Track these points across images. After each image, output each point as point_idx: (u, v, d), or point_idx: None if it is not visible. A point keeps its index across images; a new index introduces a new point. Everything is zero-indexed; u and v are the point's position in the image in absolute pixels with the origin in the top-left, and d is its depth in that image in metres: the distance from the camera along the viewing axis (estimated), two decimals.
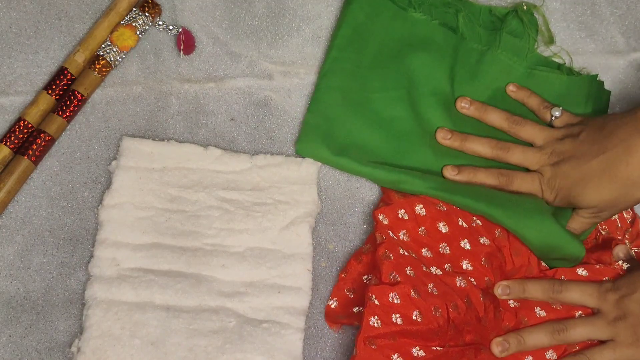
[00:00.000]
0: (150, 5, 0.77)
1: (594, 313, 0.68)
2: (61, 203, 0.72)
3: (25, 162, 0.71)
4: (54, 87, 0.74)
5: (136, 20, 0.76)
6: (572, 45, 0.82)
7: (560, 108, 0.75)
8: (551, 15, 0.83)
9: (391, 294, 0.65)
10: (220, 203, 0.71)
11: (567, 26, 0.83)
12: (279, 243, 0.70)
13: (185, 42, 0.77)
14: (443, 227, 0.70)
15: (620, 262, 0.70)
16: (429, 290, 0.66)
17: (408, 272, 0.66)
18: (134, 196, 0.71)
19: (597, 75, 0.79)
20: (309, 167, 0.73)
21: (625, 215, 0.74)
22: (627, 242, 0.73)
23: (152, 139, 0.74)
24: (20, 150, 0.71)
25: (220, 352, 0.65)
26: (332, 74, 0.76)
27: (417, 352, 0.64)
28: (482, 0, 0.83)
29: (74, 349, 0.65)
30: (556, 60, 0.81)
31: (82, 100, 0.74)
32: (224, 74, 0.78)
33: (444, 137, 0.75)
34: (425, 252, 0.69)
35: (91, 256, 0.69)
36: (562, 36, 0.82)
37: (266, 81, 0.78)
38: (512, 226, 0.70)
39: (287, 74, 0.78)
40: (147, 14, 0.77)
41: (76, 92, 0.74)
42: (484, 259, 0.69)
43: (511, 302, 0.69)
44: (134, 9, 0.77)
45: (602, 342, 0.67)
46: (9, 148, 0.72)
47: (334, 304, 0.70)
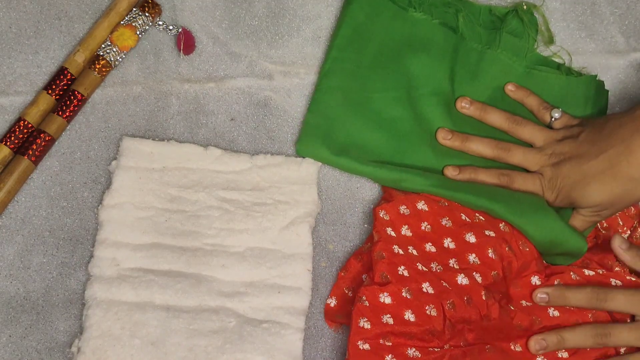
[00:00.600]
0: (150, 5, 0.77)
1: (634, 319, 0.68)
2: (61, 203, 0.72)
3: (25, 162, 0.71)
4: (54, 87, 0.74)
5: (136, 20, 0.76)
6: (572, 45, 0.82)
7: (560, 109, 0.75)
8: (551, 15, 0.83)
9: (382, 295, 0.65)
10: (220, 203, 0.71)
11: (567, 26, 0.83)
12: (279, 243, 0.70)
13: (185, 42, 0.77)
14: (447, 222, 0.70)
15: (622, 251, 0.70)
16: (424, 289, 0.66)
17: (400, 272, 0.66)
18: (134, 196, 0.71)
19: (596, 75, 0.79)
20: (309, 167, 0.73)
21: (627, 214, 0.74)
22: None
23: (152, 139, 0.74)
24: (20, 150, 0.71)
25: (220, 352, 0.65)
26: (332, 74, 0.76)
27: (412, 353, 0.64)
28: (482, 0, 0.83)
29: (74, 349, 0.65)
30: (556, 60, 0.81)
31: (82, 100, 0.74)
32: (224, 74, 0.78)
33: (445, 137, 0.75)
34: (429, 247, 0.69)
35: (91, 256, 0.69)
36: (562, 36, 0.82)
37: (266, 81, 0.78)
38: (515, 221, 0.70)
39: (287, 74, 0.78)
40: (147, 14, 0.77)
41: (76, 92, 0.74)
42: (491, 249, 0.68)
43: (523, 302, 0.69)
44: (134, 9, 0.77)
45: None
46: (9, 148, 0.72)
47: (333, 302, 0.70)
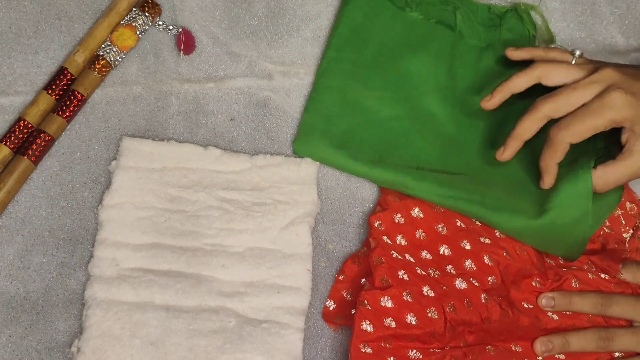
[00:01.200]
0: (150, 5, 0.77)
1: (632, 325, 0.69)
2: (61, 203, 0.72)
3: (25, 162, 0.71)
4: (54, 87, 0.74)
5: (136, 20, 0.76)
6: (572, 45, 0.82)
7: (578, 49, 0.72)
8: (551, 15, 0.83)
9: (383, 298, 0.65)
10: (220, 203, 0.71)
11: (567, 26, 0.83)
12: (279, 243, 0.70)
13: (185, 42, 0.77)
14: (442, 229, 0.70)
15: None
16: (424, 292, 0.66)
17: (401, 276, 0.66)
18: (133, 196, 0.71)
19: None
20: (309, 167, 0.73)
21: (630, 213, 0.74)
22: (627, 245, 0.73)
23: (152, 139, 0.74)
24: (20, 150, 0.72)
25: (220, 352, 0.65)
26: (329, 73, 0.76)
27: (414, 354, 0.64)
28: None
29: (74, 349, 0.65)
30: None
31: (82, 100, 0.74)
32: (223, 74, 0.78)
33: (486, 99, 0.72)
34: (425, 255, 0.69)
35: (91, 256, 0.69)
36: (562, 36, 0.82)
37: (266, 81, 0.78)
38: (509, 229, 0.70)
39: (287, 74, 0.78)
40: (147, 14, 0.77)
41: (76, 92, 0.74)
42: (486, 256, 0.69)
43: (524, 303, 0.69)
44: (134, 9, 0.77)
45: None
46: (9, 148, 0.72)
47: (331, 305, 0.70)
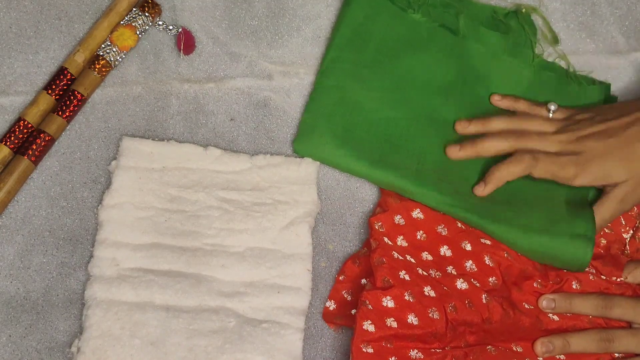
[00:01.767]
0: (150, 5, 0.77)
1: (631, 326, 0.69)
2: (61, 203, 0.72)
3: (25, 162, 0.71)
4: (54, 87, 0.74)
5: (136, 20, 0.76)
6: (572, 45, 0.82)
7: (554, 102, 0.75)
8: (551, 16, 0.83)
9: (384, 299, 0.65)
10: (220, 203, 0.71)
11: (567, 26, 0.83)
12: (279, 243, 0.70)
13: (185, 42, 0.77)
14: (442, 230, 0.70)
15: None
16: (425, 293, 0.66)
17: (402, 276, 0.66)
18: (133, 196, 0.71)
19: (609, 84, 0.79)
20: (309, 167, 0.73)
21: (630, 213, 0.74)
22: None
23: (152, 139, 0.74)
24: (20, 150, 0.71)
25: (220, 352, 0.65)
26: (330, 73, 0.76)
27: (415, 354, 0.64)
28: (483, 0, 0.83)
29: (74, 349, 0.65)
30: (561, 62, 0.81)
31: (82, 100, 0.74)
32: (223, 74, 0.78)
33: (454, 149, 0.74)
34: (425, 256, 0.69)
35: (91, 256, 0.69)
36: (562, 36, 0.82)
37: (266, 81, 0.78)
38: (516, 243, 0.70)
39: (287, 74, 0.78)
40: (147, 14, 0.77)
41: (76, 92, 0.74)
42: (487, 257, 0.69)
43: (525, 304, 0.69)
44: (134, 9, 0.77)
45: None
46: (9, 148, 0.72)
47: (332, 306, 0.70)
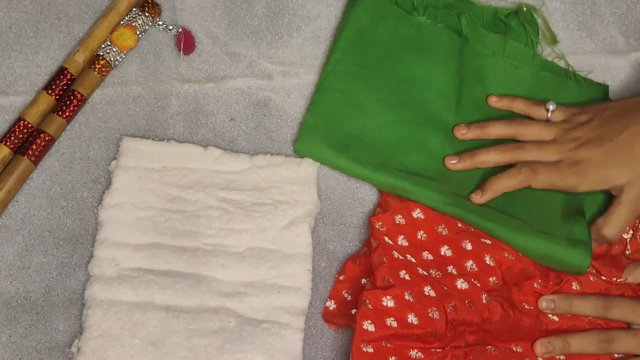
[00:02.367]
0: (150, 5, 0.77)
1: (630, 327, 0.70)
2: (61, 203, 0.72)
3: (25, 162, 0.71)
4: (54, 87, 0.74)
5: (136, 20, 0.76)
6: (572, 45, 0.82)
7: (552, 101, 0.75)
8: (551, 15, 0.83)
9: (385, 298, 0.65)
10: (220, 203, 0.71)
11: (567, 26, 0.83)
12: (279, 243, 0.70)
13: (185, 42, 0.77)
14: (443, 230, 0.70)
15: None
16: (425, 292, 0.66)
17: (402, 276, 0.66)
18: (133, 196, 0.71)
19: (607, 86, 0.79)
20: (309, 167, 0.73)
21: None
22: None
23: (152, 139, 0.74)
24: (20, 150, 0.71)
25: (220, 352, 0.65)
26: (334, 75, 0.76)
27: (415, 354, 0.64)
28: (484, 0, 0.83)
29: (74, 349, 0.65)
30: (560, 62, 0.81)
31: (82, 100, 0.74)
32: (223, 74, 0.78)
33: (452, 161, 0.74)
34: (426, 255, 0.69)
35: (91, 256, 0.69)
36: (562, 36, 0.82)
37: (266, 81, 0.78)
38: (517, 243, 0.70)
39: (287, 74, 0.78)
40: (147, 14, 0.77)
41: (76, 92, 0.74)
42: (487, 257, 0.69)
43: (525, 304, 0.69)
44: (134, 9, 0.77)
45: None
46: (9, 148, 0.72)
47: (332, 306, 0.70)
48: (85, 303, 0.67)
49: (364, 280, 0.69)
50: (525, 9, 0.81)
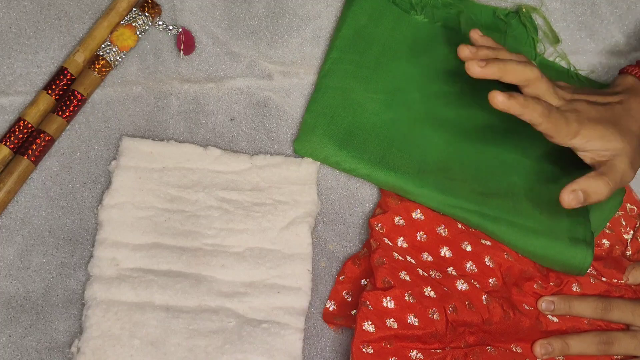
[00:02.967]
0: (150, 5, 0.77)
1: (629, 328, 0.70)
2: (61, 203, 0.72)
3: (25, 162, 0.71)
4: (53, 87, 0.74)
5: (136, 20, 0.76)
6: (572, 45, 0.82)
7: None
8: (551, 15, 0.83)
9: (385, 299, 0.65)
10: (220, 203, 0.71)
11: (567, 26, 0.83)
12: (279, 243, 0.70)
13: (185, 42, 0.77)
14: (443, 231, 0.70)
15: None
16: (426, 293, 0.66)
17: (402, 277, 0.66)
18: (133, 196, 0.71)
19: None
20: (309, 167, 0.73)
21: (631, 214, 0.74)
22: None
23: (152, 139, 0.74)
24: (20, 150, 0.71)
25: (220, 352, 0.65)
26: (332, 74, 0.76)
27: (415, 355, 0.64)
28: (483, 0, 0.83)
29: (73, 349, 0.65)
30: (561, 62, 0.81)
31: (82, 100, 0.74)
32: (223, 74, 0.78)
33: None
34: (426, 257, 0.69)
35: (91, 256, 0.69)
36: (562, 36, 0.82)
37: (266, 81, 0.78)
38: (517, 245, 0.70)
39: (287, 74, 0.78)
40: (147, 14, 0.77)
41: (76, 92, 0.74)
42: (487, 258, 0.69)
43: (525, 305, 0.69)
44: (134, 9, 0.77)
45: None
46: (9, 148, 0.72)
47: (332, 306, 0.70)
48: (85, 303, 0.67)
49: (363, 281, 0.70)
50: (525, 9, 0.81)
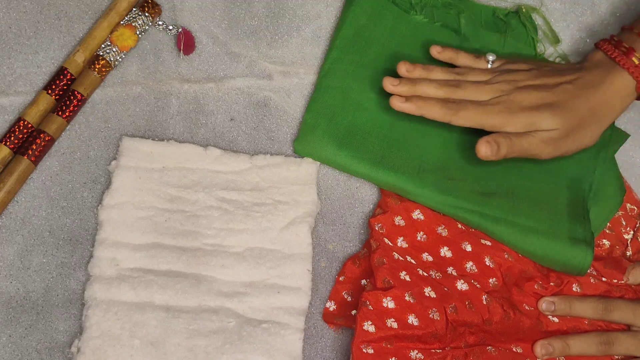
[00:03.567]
0: (150, 5, 0.77)
1: (630, 329, 0.70)
2: (61, 203, 0.72)
3: (25, 162, 0.71)
4: (53, 87, 0.74)
5: (136, 20, 0.76)
6: (572, 45, 0.82)
7: (492, 52, 0.75)
8: (551, 15, 0.83)
9: (385, 299, 0.65)
10: (220, 203, 0.71)
11: (567, 26, 0.83)
12: (279, 243, 0.70)
13: (185, 42, 0.77)
14: (442, 231, 0.70)
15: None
16: (426, 293, 0.66)
17: (402, 277, 0.66)
18: (133, 196, 0.71)
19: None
20: (309, 167, 0.73)
21: (631, 214, 0.74)
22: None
23: (152, 139, 0.74)
24: (20, 150, 0.71)
25: (220, 352, 0.65)
26: (332, 74, 0.76)
27: (415, 355, 0.64)
28: (483, 0, 0.83)
29: (73, 349, 0.65)
30: (561, 62, 0.81)
31: (82, 100, 0.74)
32: (223, 74, 0.78)
33: (393, 84, 0.73)
34: (426, 257, 0.69)
35: (91, 256, 0.69)
36: (562, 36, 0.82)
37: (266, 81, 0.78)
38: (518, 245, 0.70)
39: (287, 74, 0.78)
40: (147, 14, 0.77)
41: (76, 92, 0.74)
42: (487, 258, 0.69)
43: (525, 305, 0.69)
44: (134, 9, 0.77)
45: None
46: (9, 148, 0.72)
47: (332, 306, 0.70)
48: (85, 303, 0.67)
49: (363, 281, 0.69)
50: (525, 10, 0.81)
